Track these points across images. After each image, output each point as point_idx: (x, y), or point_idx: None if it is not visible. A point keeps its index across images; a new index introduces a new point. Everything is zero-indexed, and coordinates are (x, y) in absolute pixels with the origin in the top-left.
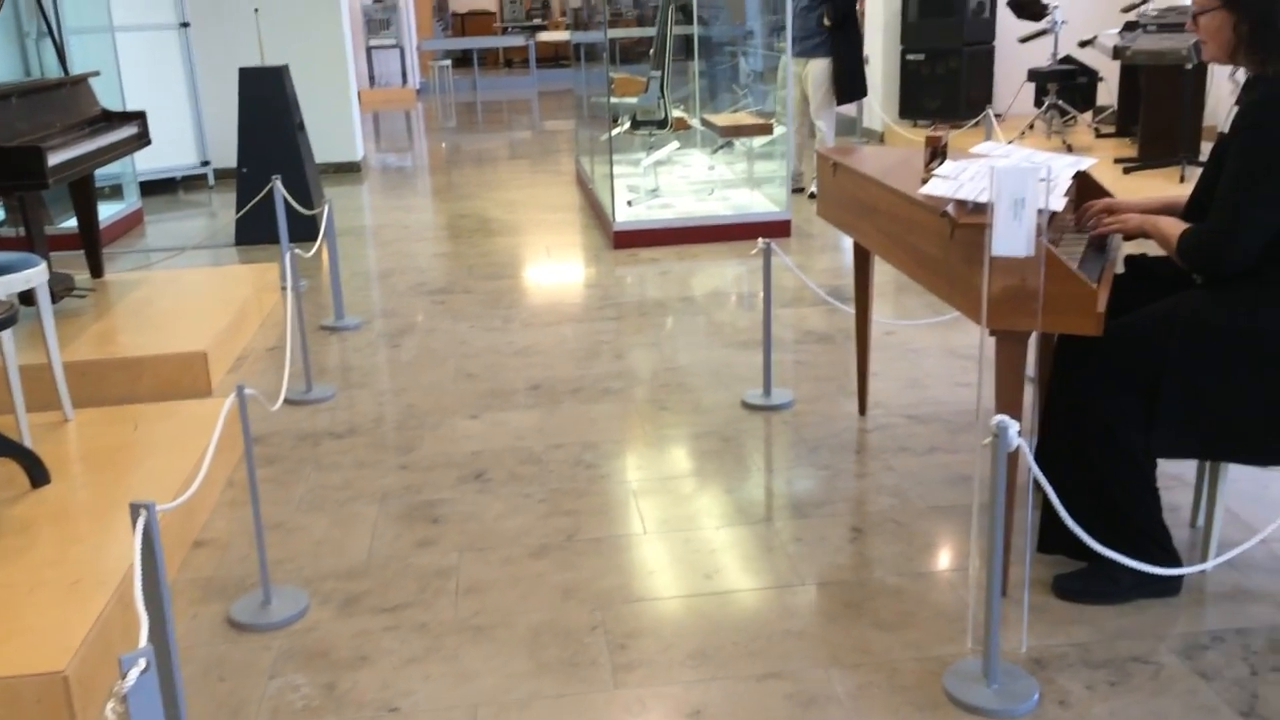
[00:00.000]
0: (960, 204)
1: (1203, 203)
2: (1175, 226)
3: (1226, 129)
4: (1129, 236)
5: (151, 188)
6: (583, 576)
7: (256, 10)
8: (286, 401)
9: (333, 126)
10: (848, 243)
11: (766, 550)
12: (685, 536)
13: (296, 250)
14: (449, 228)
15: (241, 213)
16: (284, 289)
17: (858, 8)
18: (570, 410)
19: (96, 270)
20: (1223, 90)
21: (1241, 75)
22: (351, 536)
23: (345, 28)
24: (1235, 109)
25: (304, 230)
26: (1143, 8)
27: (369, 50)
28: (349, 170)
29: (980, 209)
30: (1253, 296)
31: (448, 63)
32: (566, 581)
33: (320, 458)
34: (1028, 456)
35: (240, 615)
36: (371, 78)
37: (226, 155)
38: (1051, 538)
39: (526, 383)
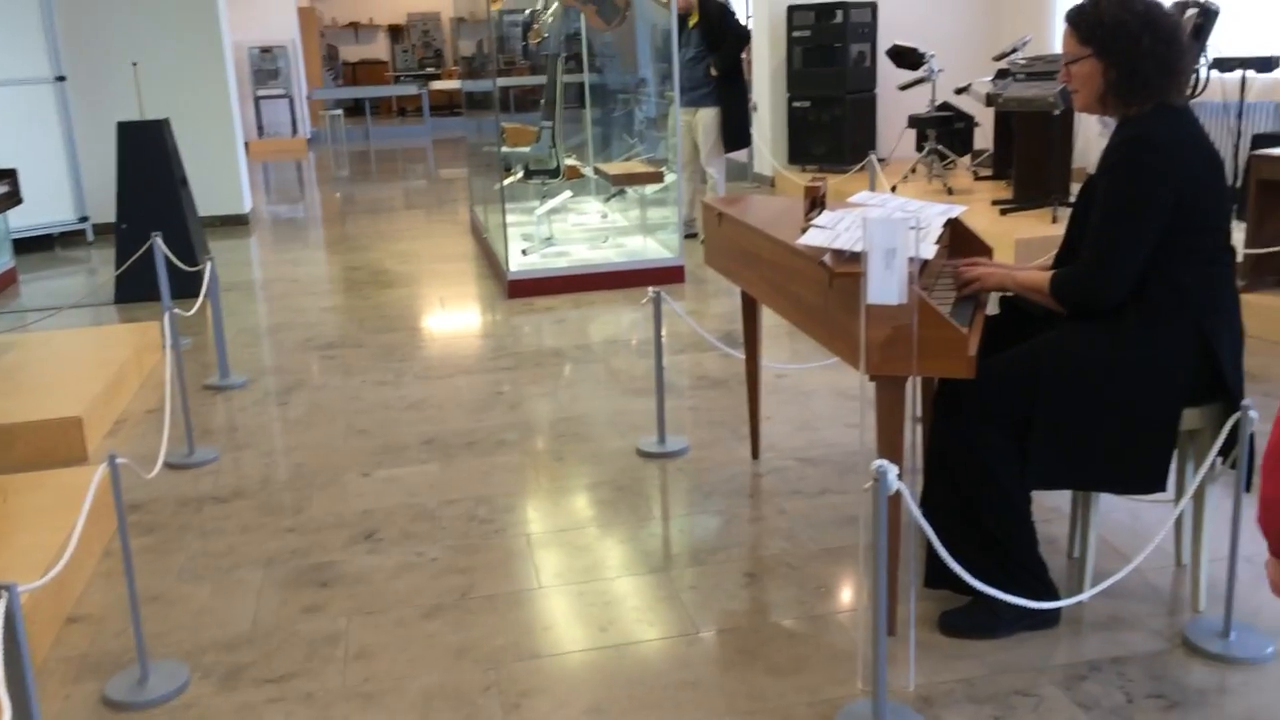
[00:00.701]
0: (837, 253)
1: (1075, 241)
2: (1036, 274)
3: (1095, 170)
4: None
5: (27, 245)
6: (476, 635)
7: (135, 64)
8: (167, 466)
9: (218, 179)
10: None
11: (661, 599)
12: (580, 589)
13: (177, 310)
14: (341, 280)
15: (121, 270)
16: (166, 348)
17: (744, 57)
18: (464, 464)
19: None
20: (1091, 133)
21: (1111, 121)
22: (235, 605)
23: (230, 79)
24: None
25: (188, 286)
26: (1012, 56)
27: (257, 100)
28: (236, 223)
29: (856, 258)
30: (1114, 330)
31: (339, 112)
32: (460, 641)
33: (203, 524)
34: (908, 499)
35: (116, 694)
36: (260, 128)
37: (106, 210)
38: (937, 574)
39: (419, 437)
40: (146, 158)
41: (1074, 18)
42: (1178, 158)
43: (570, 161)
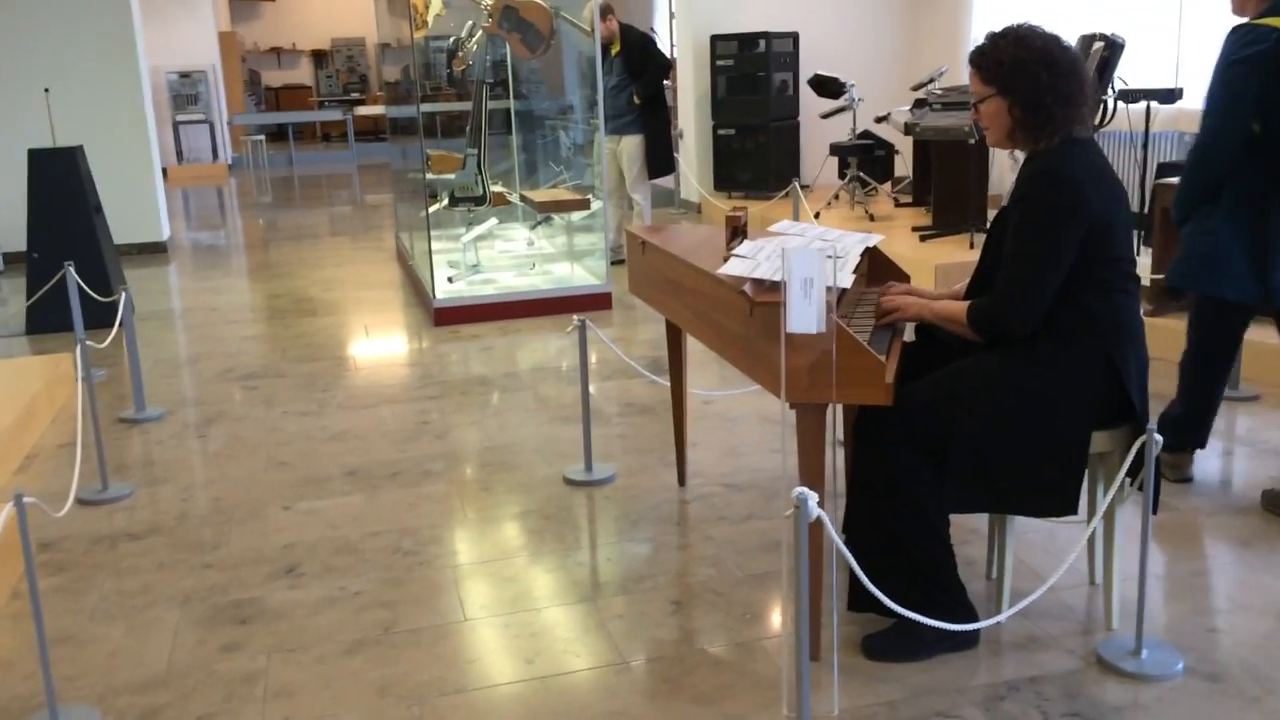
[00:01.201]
0: (758, 283)
1: (988, 270)
2: (952, 304)
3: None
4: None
5: None
6: (400, 671)
7: (47, 90)
8: (79, 502)
9: (135, 206)
10: None
11: (589, 629)
12: (507, 620)
13: (90, 341)
14: (263, 308)
15: (32, 300)
16: (79, 380)
17: (668, 84)
18: (389, 495)
19: None
20: (1005, 163)
21: (1020, 154)
22: (150, 645)
23: (147, 104)
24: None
25: (103, 316)
26: (929, 86)
27: (176, 126)
28: (154, 251)
29: (776, 287)
30: (1027, 357)
31: (261, 137)
32: (383, 678)
33: (117, 561)
34: (829, 526)
35: None
36: (180, 154)
37: (17, 239)
38: (860, 598)
39: (342, 469)
40: (59, 185)
41: (976, 59)
42: (1084, 191)
43: (497, 188)
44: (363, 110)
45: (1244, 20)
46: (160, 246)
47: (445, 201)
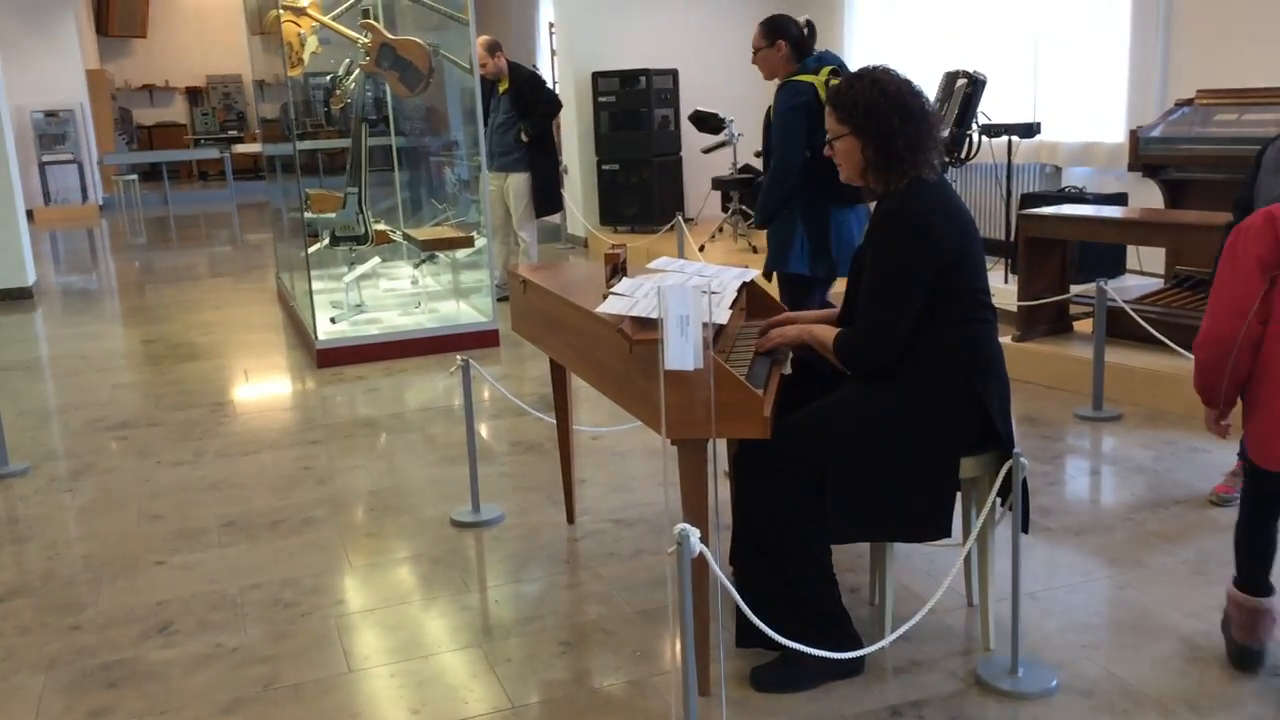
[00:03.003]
0: (636, 320)
1: (853, 302)
2: (830, 332)
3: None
4: (793, 345)
5: None
6: None
7: None
8: None
9: None
10: None
11: (476, 675)
12: (393, 670)
13: None
14: (136, 354)
15: None
16: None
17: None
18: (269, 545)
19: None
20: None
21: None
22: (12, 715)
23: (8, 144)
24: None
25: None
26: None
27: (42, 166)
28: (19, 297)
29: (654, 324)
30: (895, 389)
31: (134, 177)
32: None
33: None
34: (711, 562)
35: None
36: (47, 195)
37: None
38: (747, 633)
39: (220, 519)
40: None
41: (833, 99)
42: (934, 229)
43: (379, 226)
44: (241, 148)
45: (787, 79)
46: (25, 292)
47: (326, 241)
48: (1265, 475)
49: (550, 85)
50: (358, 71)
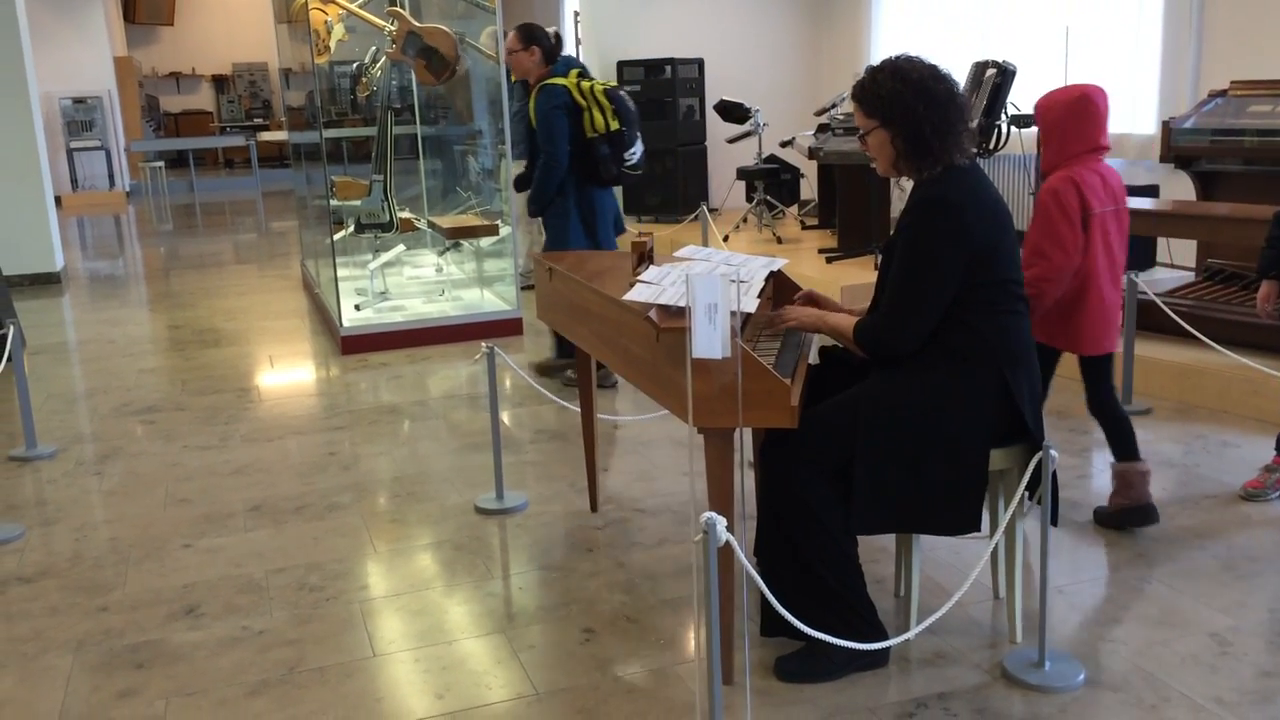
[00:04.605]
0: (663, 308)
1: (882, 293)
2: (846, 320)
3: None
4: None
5: None
6: (304, 712)
7: None
8: None
9: (26, 235)
10: None
11: (500, 661)
12: (416, 655)
13: None
14: (162, 340)
15: None
16: None
17: None
18: (294, 530)
19: None
20: (907, 186)
21: (906, 182)
22: (41, 694)
23: (38, 130)
24: None
25: None
26: (831, 111)
27: (70, 153)
28: (47, 281)
29: (682, 313)
30: (924, 379)
31: (160, 164)
32: (287, 719)
33: (5, 607)
34: (738, 550)
35: None
36: (75, 181)
37: None
38: (772, 622)
39: (246, 504)
40: None
41: (857, 93)
42: (967, 218)
43: (404, 214)
44: (266, 136)
45: (542, 83)
46: (54, 277)
47: (351, 228)
48: None
49: None
50: (384, 59)
